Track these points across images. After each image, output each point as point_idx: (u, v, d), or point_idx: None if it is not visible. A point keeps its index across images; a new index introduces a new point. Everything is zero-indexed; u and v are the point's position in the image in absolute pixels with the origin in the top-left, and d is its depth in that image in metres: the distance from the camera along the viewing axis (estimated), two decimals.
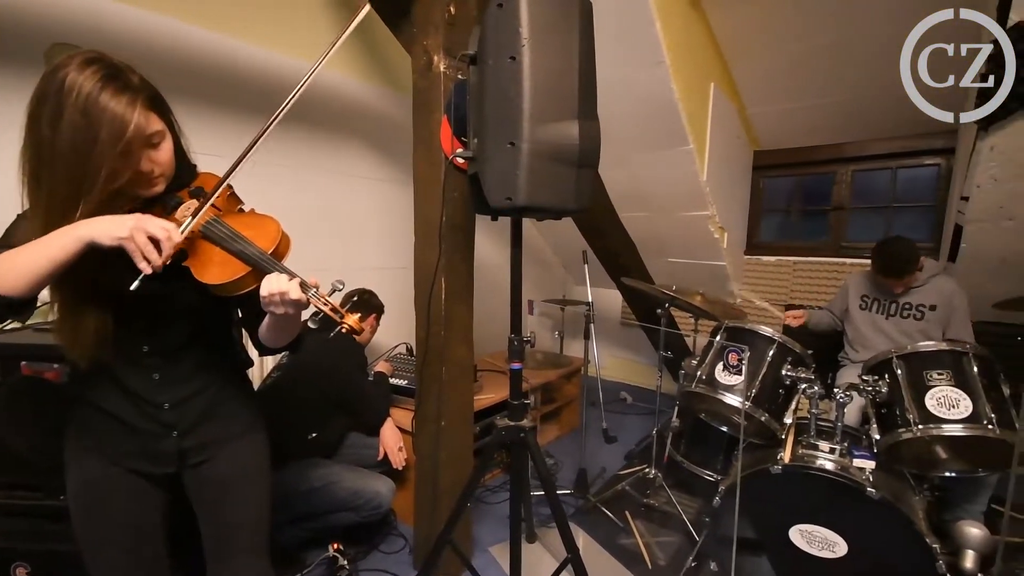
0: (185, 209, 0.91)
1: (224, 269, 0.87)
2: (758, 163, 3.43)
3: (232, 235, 0.89)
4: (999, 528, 1.88)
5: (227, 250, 0.88)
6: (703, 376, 1.83)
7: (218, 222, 0.90)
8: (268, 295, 0.84)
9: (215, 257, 0.89)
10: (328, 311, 0.88)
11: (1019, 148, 1.86)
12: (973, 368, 1.49)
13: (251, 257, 0.87)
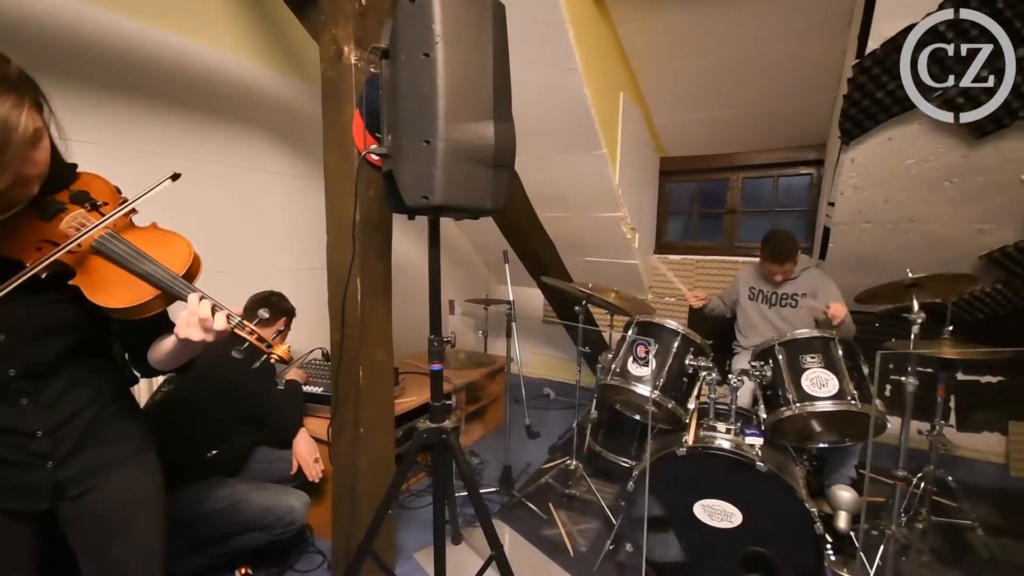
0: (72, 219, 0.80)
1: (127, 291, 0.79)
2: (664, 168, 3.68)
3: (134, 254, 0.80)
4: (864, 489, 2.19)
5: (130, 271, 0.79)
6: (617, 369, 1.93)
7: (115, 238, 0.80)
8: (188, 318, 0.77)
9: (113, 277, 0.80)
10: (254, 341, 0.82)
11: (874, 161, 2.17)
12: (838, 351, 1.72)
13: (160, 280, 0.79)
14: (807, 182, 3.31)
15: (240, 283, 2.09)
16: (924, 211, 2.30)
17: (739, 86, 2.85)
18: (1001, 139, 1.91)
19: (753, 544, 1.60)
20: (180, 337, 0.81)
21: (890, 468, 1.78)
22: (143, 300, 0.79)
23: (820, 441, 1.93)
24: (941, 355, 1.86)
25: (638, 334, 1.96)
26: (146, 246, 0.82)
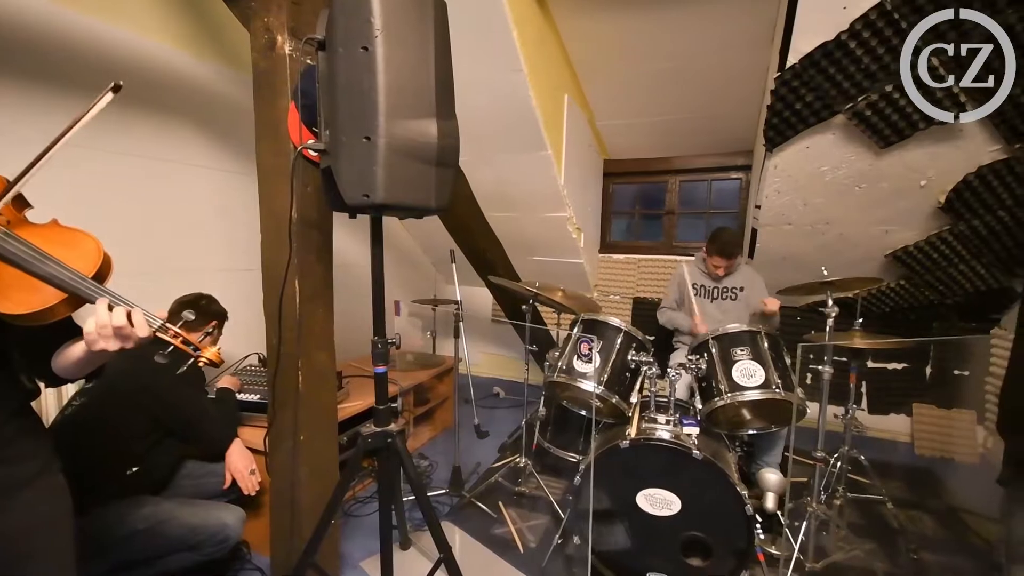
0: None
1: (28, 296, 0.71)
2: (607, 170, 3.80)
3: (34, 255, 0.72)
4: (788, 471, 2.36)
5: (31, 273, 0.71)
6: (563, 366, 1.97)
7: (10, 236, 0.72)
8: (99, 329, 0.71)
9: (10, 280, 0.72)
10: (179, 344, 0.76)
11: (794, 167, 2.35)
12: (764, 344, 1.85)
13: (66, 283, 0.72)
14: (737, 186, 3.52)
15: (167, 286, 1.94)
16: (837, 214, 2.51)
17: (675, 94, 2.99)
18: (903, 149, 2.12)
19: (691, 529, 1.68)
20: (93, 350, 0.74)
21: (810, 450, 1.94)
22: (46, 305, 0.72)
23: (750, 428, 2.07)
24: (853, 345, 2.05)
25: (583, 332, 2.01)
26: (47, 245, 0.75)
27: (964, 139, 2.01)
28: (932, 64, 0.97)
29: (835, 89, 1.94)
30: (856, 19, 1.73)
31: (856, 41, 1.77)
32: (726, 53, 2.62)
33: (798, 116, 2.08)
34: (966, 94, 0.83)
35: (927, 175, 2.20)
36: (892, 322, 3.08)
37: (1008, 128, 1.91)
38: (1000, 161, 2.04)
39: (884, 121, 1.99)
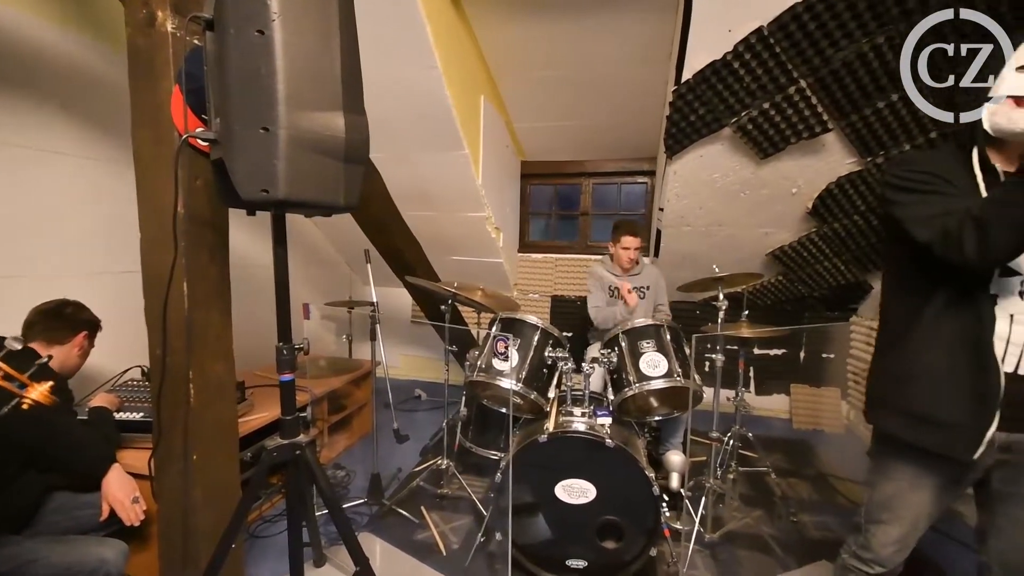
0: None
1: None
2: (525, 171, 3.88)
3: None
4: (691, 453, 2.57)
5: None
6: (482, 365, 1.98)
7: None
8: None
9: None
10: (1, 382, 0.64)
11: (691, 173, 2.57)
12: (667, 336, 2.00)
13: None
14: (644, 189, 3.77)
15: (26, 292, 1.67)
16: (726, 217, 2.78)
17: (586, 100, 3.12)
18: (778, 160, 2.40)
19: (605, 514, 1.77)
20: None
21: (707, 431, 2.13)
22: None
23: (656, 414, 2.22)
24: (741, 335, 2.28)
25: (502, 330, 2.03)
26: None
27: (826, 153, 2.33)
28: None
29: (723, 104, 2.15)
30: (739, 42, 1.93)
31: (739, 62, 1.98)
32: (631, 65, 2.79)
33: (693, 127, 2.28)
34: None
35: (797, 183, 2.51)
36: (773, 313, 3.48)
37: (861, 144, 2.24)
38: (855, 172, 2.39)
39: (763, 135, 2.25)
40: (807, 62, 1.94)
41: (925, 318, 1.10)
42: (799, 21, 1.81)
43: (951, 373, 1.06)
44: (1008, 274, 1.04)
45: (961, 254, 0.97)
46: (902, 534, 1.19)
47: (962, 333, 1.06)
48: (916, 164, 1.13)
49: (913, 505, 1.17)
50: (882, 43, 1.82)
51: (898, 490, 1.18)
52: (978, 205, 0.97)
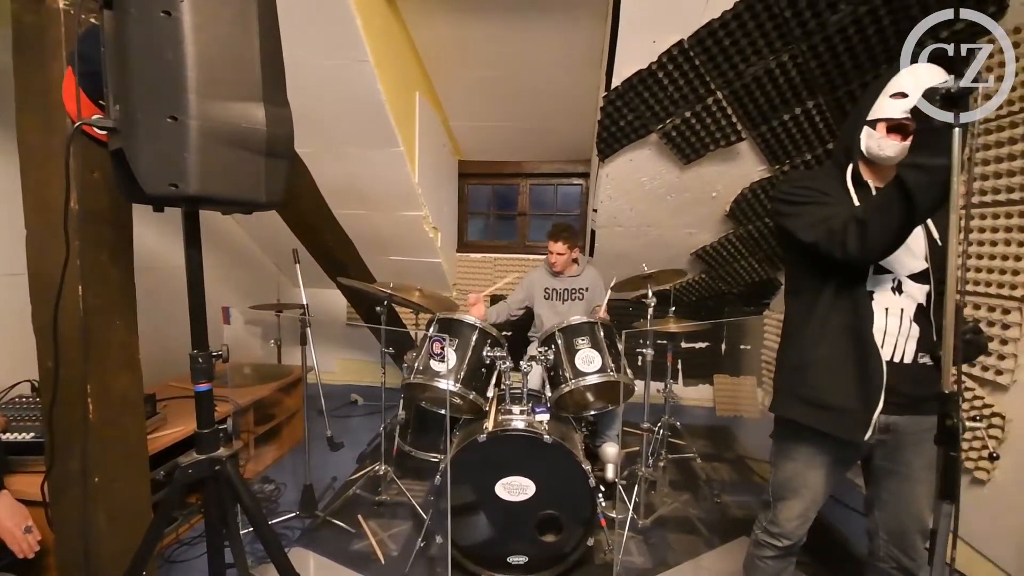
0: None
1: None
2: (463, 171, 3.87)
3: None
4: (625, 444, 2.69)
5: None
6: (420, 367, 1.95)
7: None
8: None
9: None
10: None
11: (622, 176, 2.68)
12: (600, 333, 2.08)
13: None
14: (579, 191, 3.88)
15: None
16: (655, 218, 2.94)
17: (523, 101, 3.16)
18: (700, 166, 2.57)
19: (544, 508, 1.81)
20: None
21: (639, 422, 2.23)
22: None
23: (592, 409, 2.30)
24: (668, 330, 2.41)
25: (439, 331, 2.01)
26: None
27: (741, 160, 2.52)
28: None
29: (649, 111, 2.26)
30: (663, 53, 2.04)
31: (663, 72, 2.10)
32: (565, 69, 2.86)
33: (623, 132, 2.38)
34: None
35: (717, 188, 2.70)
36: (697, 309, 3.71)
37: (770, 153, 2.44)
38: (766, 179, 2.60)
39: (685, 141, 2.39)
40: (722, 75, 2.09)
41: (816, 314, 1.22)
42: (715, 37, 1.95)
43: (840, 362, 1.19)
44: (881, 272, 1.18)
45: (844, 251, 1.09)
46: (804, 509, 1.31)
47: (847, 326, 1.18)
48: (798, 181, 1.28)
49: (811, 482, 1.29)
50: (786, 60, 2.01)
51: (797, 470, 1.31)
52: (860, 209, 1.10)
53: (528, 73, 2.92)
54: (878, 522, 1.31)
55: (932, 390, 0.96)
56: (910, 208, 0.97)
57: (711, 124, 2.30)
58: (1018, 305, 1.70)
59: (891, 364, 1.16)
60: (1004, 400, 1.77)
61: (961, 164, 0.89)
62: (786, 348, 1.33)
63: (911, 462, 1.22)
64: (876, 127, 1.17)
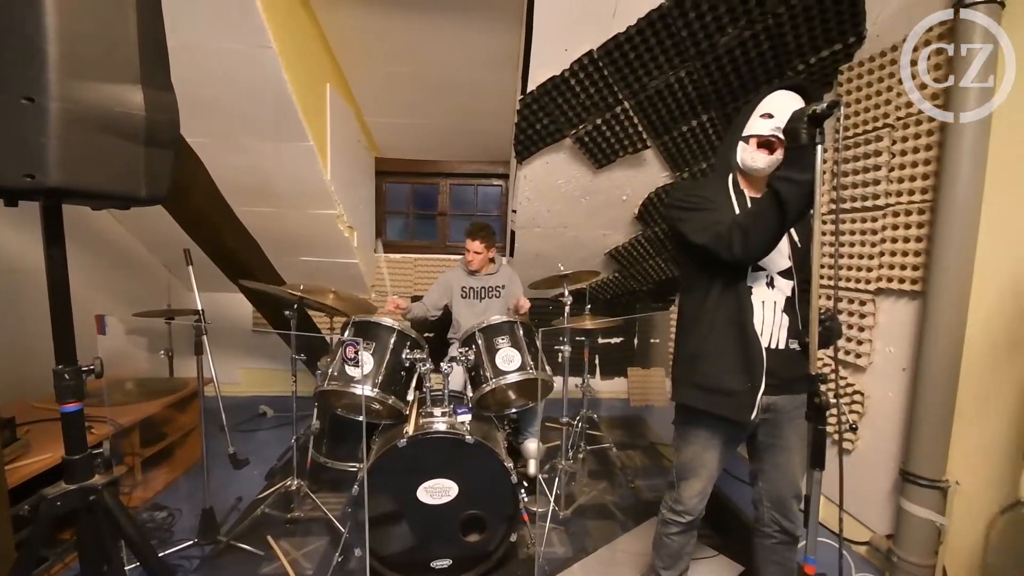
0: None
1: None
2: (380, 168, 3.74)
3: None
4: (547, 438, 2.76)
5: None
6: (335, 373, 1.86)
7: None
8: None
9: None
10: None
11: (540, 178, 2.75)
12: (520, 332, 2.12)
13: None
14: (499, 191, 3.93)
15: None
16: (571, 220, 3.05)
17: (441, 100, 3.13)
18: (611, 170, 2.71)
19: (468, 509, 1.81)
20: None
21: (559, 417, 2.31)
22: None
23: (514, 407, 2.34)
24: (584, 327, 2.52)
25: (355, 334, 1.93)
26: None
27: (647, 166, 2.70)
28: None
29: (563, 117, 2.35)
30: (574, 61, 2.13)
31: (575, 79, 2.19)
32: (484, 70, 2.87)
33: (539, 135, 2.45)
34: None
35: (627, 192, 2.87)
36: (612, 306, 3.91)
37: (672, 161, 2.64)
38: (668, 184, 2.81)
39: (597, 147, 2.51)
40: (628, 86, 2.23)
41: (707, 309, 1.35)
42: (621, 50, 2.07)
43: (728, 351, 1.32)
44: (758, 270, 1.34)
45: (730, 252, 1.22)
46: (703, 486, 1.45)
47: (732, 319, 1.32)
48: (688, 189, 1.45)
49: (708, 462, 1.43)
50: (684, 76, 2.18)
51: (696, 452, 1.44)
52: (742, 216, 1.24)
53: (447, 72, 2.90)
54: (762, 492, 1.47)
55: (802, 372, 1.10)
56: (784, 214, 1.12)
57: (620, 132, 2.44)
58: (872, 297, 1.99)
59: (769, 351, 1.31)
60: (863, 379, 2.07)
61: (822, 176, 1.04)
62: (683, 341, 1.44)
63: (788, 436, 1.39)
64: (749, 142, 1.34)
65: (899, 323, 1.89)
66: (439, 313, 2.81)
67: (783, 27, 1.99)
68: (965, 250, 1.60)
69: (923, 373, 1.71)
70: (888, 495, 1.90)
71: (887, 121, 1.89)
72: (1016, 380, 1.53)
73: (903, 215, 1.84)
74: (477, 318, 2.49)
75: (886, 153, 1.89)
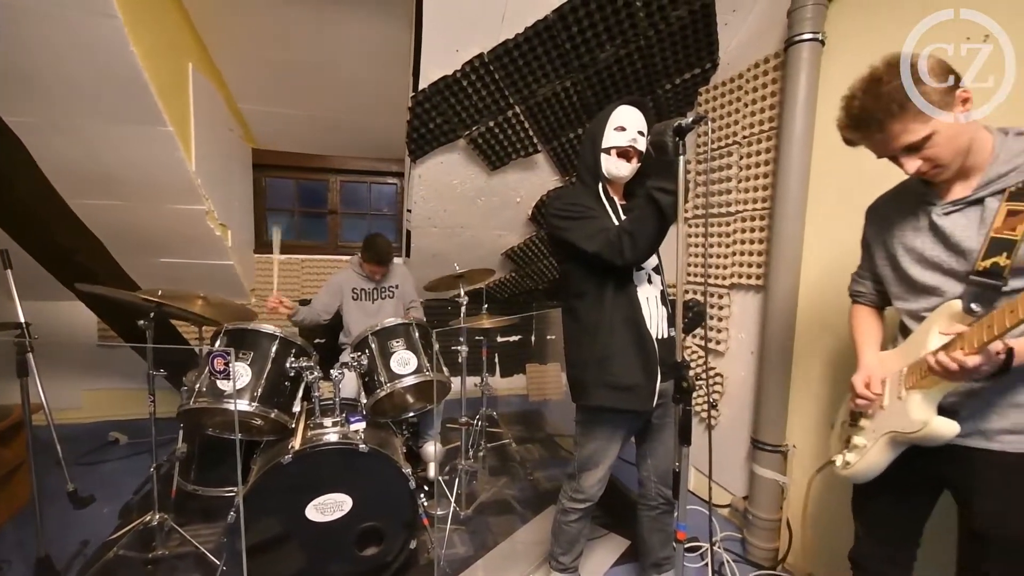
0: None
1: None
2: (258, 161, 3.42)
3: None
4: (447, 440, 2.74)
5: None
6: (203, 388, 1.67)
7: None
8: None
9: None
10: None
11: (434, 177, 2.71)
12: (415, 334, 2.08)
13: None
14: (395, 190, 3.81)
15: None
16: (468, 220, 3.07)
17: (328, 92, 2.95)
18: (505, 172, 2.77)
19: (364, 522, 1.73)
20: None
21: (459, 417, 2.31)
22: None
23: (412, 410, 2.29)
24: (481, 326, 2.55)
25: (230, 344, 1.75)
26: None
27: (538, 170, 2.81)
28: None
29: (456, 117, 2.35)
30: (466, 63, 2.14)
31: (467, 80, 2.20)
32: (375, 64, 2.75)
33: (432, 134, 2.42)
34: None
35: (520, 194, 2.96)
36: (510, 305, 4.01)
37: (560, 166, 2.78)
38: (558, 187, 2.95)
39: (491, 149, 2.56)
40: (519, 92, 2.30)
41: (605, 311, 1.44)
42: (511, 55, 2.13)
43: (630, 349, 1.42)
44: (639, 269, 1.48)
45: (622, 257, 1.32)
46: (604, 474, 1.57)
47: (627, 317, 1.43)
48: (568, 198, 1.49)
49: (610, 453, 1.54)
50: (569, 86, 2.31)
51: (599, 446, 1.54)
52: (626, 222, 1.34)
53: (334, 63, 2.73)
54: (650, 469, 1.63)
55: (685, 359, 1.23)
56: (663, 219, 1.25)
57: (512, 135, 2.51)
58: (728, 291, 2.28)
59: (658, 341, 1.44)
60: (722, 363, 2.36)
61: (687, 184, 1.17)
62: (587, 345, 1.48)
63: (671, 416, 1.54)
64: (610, 153, 1.46)
65: (748, 313, 2.19)
66: (329, 317, 2.65)
67: (652, 49, 2.19)
68: (794, 249, 1.90)
69: (766, 355, 2.00)
70: (744, 462, 2.19)
71: (735, 139, 2.18)
72: (828, 356, 1.85)
73: (749, 220, 2.13)
74: (370, 320, 2.40)
75: (736, 166, 2.18)
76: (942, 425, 0.98)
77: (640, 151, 1.46)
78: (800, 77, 1.82)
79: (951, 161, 0.98)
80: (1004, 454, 0.98)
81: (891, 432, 1.07)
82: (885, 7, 1.63)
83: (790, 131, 1.86)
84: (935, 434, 0.99)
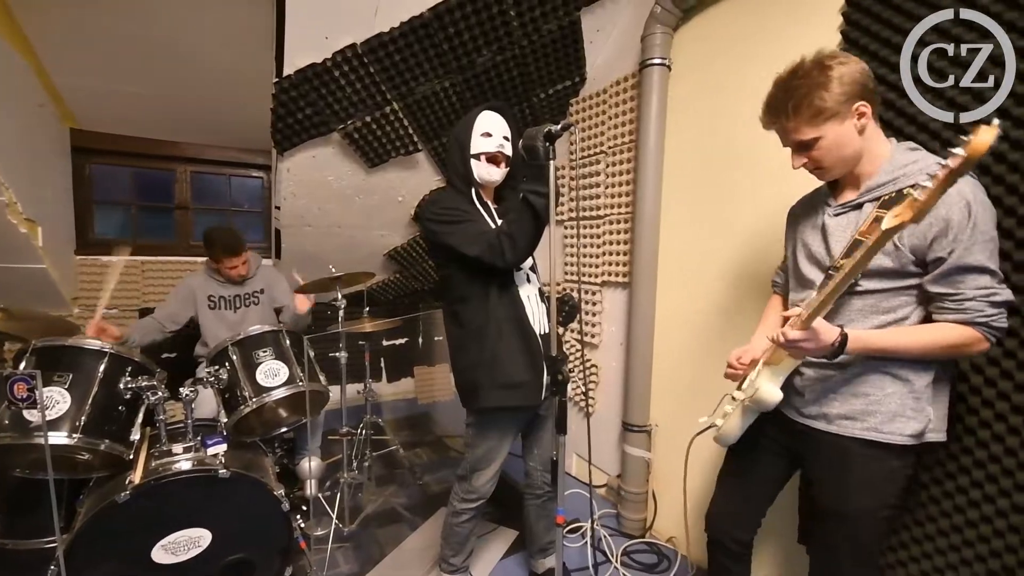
0: None
1: None
2: (79, 144, 2.85)
3: None
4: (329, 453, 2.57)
5: None
6: (5, 421, 1.35)
7: None
8: None
9: None
10: None
11: (306, 172, 2.52)
12: (286, 342, 1.92)
13: None
14: (260, 185, 3.46)
15: None
16: (346, 219, 2.91)
17: (171, 71, 2.56)
18: (385, 170, 2.67)
19: (228, 555, 1.55)
20: None
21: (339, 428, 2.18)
22: None
23: (285, 425, 2.10)
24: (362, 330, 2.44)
25: (40, 365, 1.43)
26: None
27: (420, 169, 2.76)
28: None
29: (329, 109, 2.21)
30: (336, 52, 2.01)
31: (339, 71, 2.07)
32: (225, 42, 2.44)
33: (301, 126, 2.24)
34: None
35: (402, 193, 2.88)
36: (395, 307, 3.89)
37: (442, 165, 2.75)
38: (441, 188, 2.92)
39: (368, 145, 2.45)
40: (396, 88, 2.23)
41: (490, 313, 1.46)
42: (386, 50, 2.05)
43: (517, 347, 1.46)
44: (519, 269, 1.53)
45: (503, 259, 1.35)
46: (495, 472, 1.60)
47: (512, 316, 1.48)
48: (444, 203, 1.48)
49: (502, 451, 1.58)
50: (448, 87, 2.31)
51: (493, 445, 1.57)
52: (505, 225, 1.38)
53: (173, 37, 2.37)
54: (536, 459, 1.70)
55: (563, 352, 1.30)
56: (539, 221, 1.31)
57: (391, 132, 2.43)
58: (599, 288, 2.47)
59: (540, 337, 1.51)
60: (596, 355, 2.56)
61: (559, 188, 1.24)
62: (475, 348, 1.48)
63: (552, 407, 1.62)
64: (480, 159, 1.49)
65: (618, 308, 2.40)
66: (176, 328, 2.31)
67: (527, 59, 2.29)
68: (651, 251, 2.13)
69: (632, 345, 2.21)
70: (616, 444, 2.40)
71: (602, 148, 2.37)
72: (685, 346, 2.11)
73: (615, 223, 2.34)
74: (232, 331, 2.14)
75: (603, 174, 2.37)
76: (766, 392, 1.14)
77: (508, 156, 1.51)
78: (652, 97, 2.04)
79: (832, 166, 1.06)
80: (840, 437, 1.08)
81: (744, 400, 1.23)
82: (724, 39, 1.87)
83: (645, 145, 2.08)
84: (760, 398, 1.16)
